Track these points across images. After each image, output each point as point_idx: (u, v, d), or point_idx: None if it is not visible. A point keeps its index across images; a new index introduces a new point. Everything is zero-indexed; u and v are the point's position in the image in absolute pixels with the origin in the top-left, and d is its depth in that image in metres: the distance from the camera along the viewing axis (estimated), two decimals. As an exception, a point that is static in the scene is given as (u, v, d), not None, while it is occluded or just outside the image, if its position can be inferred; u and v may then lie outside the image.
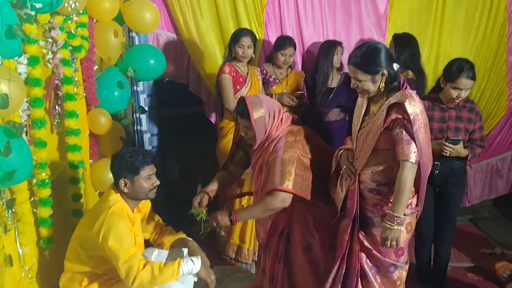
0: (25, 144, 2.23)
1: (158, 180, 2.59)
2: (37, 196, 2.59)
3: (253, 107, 2.60)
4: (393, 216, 2.31)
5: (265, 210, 2.63)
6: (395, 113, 2.30)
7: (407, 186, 2.29)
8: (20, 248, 2.49)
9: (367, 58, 2.35)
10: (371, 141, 2.38)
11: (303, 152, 2.63)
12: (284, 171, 2.54)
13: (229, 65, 3.69)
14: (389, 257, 2.48)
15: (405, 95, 2.31)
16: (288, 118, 2.75)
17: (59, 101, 2.89)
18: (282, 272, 2.83)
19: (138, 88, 4.15)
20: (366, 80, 2.36)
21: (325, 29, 4.16)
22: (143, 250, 2.69)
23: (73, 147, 2.93)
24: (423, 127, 2.29)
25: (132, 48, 3.58)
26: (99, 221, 2.40)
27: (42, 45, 2.68)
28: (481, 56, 4.24)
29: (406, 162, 2.28)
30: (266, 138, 2.65)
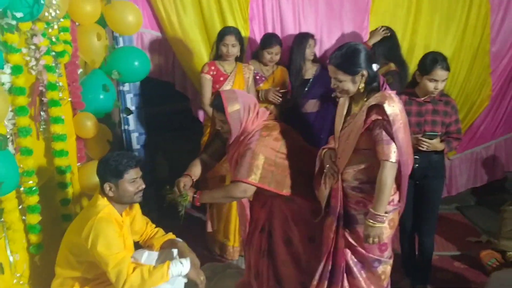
0: (11, 156, 2.24)
1: (143, 184, 2.62)
2: (25, 203, 2.61)
3: (228, 101, 2.66)
4: (374, 214, 2.38)
5: (225, 197, 2.75)
6: (375, 114, 2.35)
7: (387, 185, 2.35)
8: (10, 256, 2.51)
9: (347, 59, 2.40)
10: (352, 141, 2.43)
11: (276, 147, 2.69)
12: (252, 164, 2.63)
13: (210, 64, 3.71)
14: (373, 253, 2.54)
15: (385, 96, 2.36)
16: (264, 113, 2.82)
17: (44, 107, 2.90)
18: (267, 267, 2.91)
19: (124, 88, 4.17)
20: (346, 80, 2.41)
21: (307, 23, 4.18)
22: (133, 252, 2.73)
23: (59, 152, 2.95)
24: (403, 127, 2.34)
25: (116, 50, 3.58)
26: (87, 227, 2.44)
27: (25, 53, 2.68)
28: (464, 47, 4.28)
29: (386, 162, 2.34)
30: (242, 132, 2.72)
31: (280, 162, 2.69)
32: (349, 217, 2.56)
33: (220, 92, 2.72)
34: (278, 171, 2.68)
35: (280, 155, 2.70)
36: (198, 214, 4.68)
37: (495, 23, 4.29)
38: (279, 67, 3.99)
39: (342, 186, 2.55)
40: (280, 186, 2.69)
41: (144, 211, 2.92)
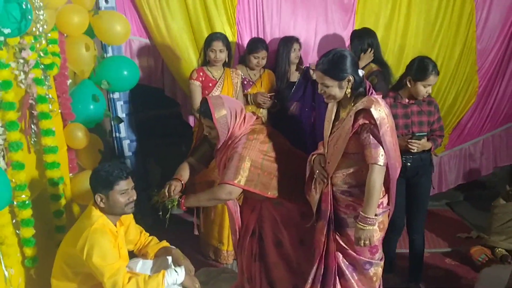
0: (2, 172, 2.26)
1: (135, 195, 2.64)
2: (19, 217, 2.63)
3: (215, 107, 2.71)
4: (364, 217, 2.42)
5: (211, 199, 2.78)
6: (362, 118, 2.39)
7: (376, 188, 2.39)
8: (5, 270, 2.53)
9: (334, 65, 2.45)
10: (341, 145, 2.48)
11: (263, 150, 2.75)
12: (239, 167, 2.68)
13: (198, 70, 3.74)
14: (364, 255, 2.59)
15: (371, 100, 2.40)
16: (251, 117, 2.87)
17: (34, 120, 2.91)
18: (259, 271, 2.97)
19: (114, 96, 4.18)
20: (333, 86, 2.46)
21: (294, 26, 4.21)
22: (128, 262, 2.76)
23: (51, 164, 2.96)
24: (390, 130, 2.39)
25: (105, 60, 3.60)
26: (82, 238, 2.46)
27: (14, 67, 2.69)
28: (449, 45, 4.33)
29: (374, 165, 2.38)
30: (229, 137, 2.77)
31: (267, 164, 2.74)
32: (340, 220, 2.60)
33: (207, 98, 2.76)
34: (264, 174, 2.73)
35: (267, 158, 2.75)
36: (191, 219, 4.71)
37: (480, 20, 4.34)
38: (266, 71, 4.02)
39: (332, 190, 2.59)
40: (266, 189, 2.74)
41: (137, 218, 2.95)
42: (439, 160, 4.61)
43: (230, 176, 2.68)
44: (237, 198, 2.93)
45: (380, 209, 2.52)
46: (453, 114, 4.48)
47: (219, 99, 2.76)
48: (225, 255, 3.93)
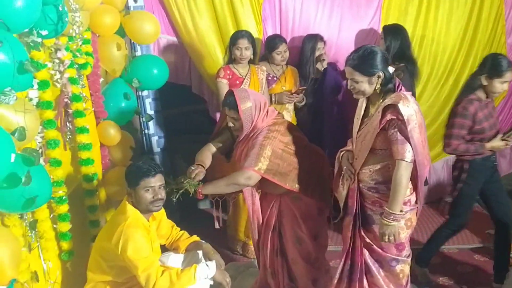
0: (43, 170, 2.35)
1: (163, 193, 2.68)
2: (56, 212, 2.73)
3: (241, 99, 2.78)
4: (389, 213, 2.46)
5: (229, 184, 2.80)
6: (390, 114, 2.42)
7: (402, 184, 2.42)
8: (44, 264, 2.63)
9: (364, 61, 2.47)
10: (368, 141, 2.51)
11: (284, 141, 2.82)
12: (260, 155, 2.74)
13: (225, 68, 3.80)
14: (391, 252, 2.63)
15: (400, 96, 2.43)
16: (273, 112, 2.94)
17: (69, 118, 3.02)
18: (282, 265, 3.04)
19: (143, 94, 4.28)
20: (363, 81, 2.48)
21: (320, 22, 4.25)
22: (160, 255, 2.85)
23: (86, 161, 3.06)
24: (418, 127, 2.41)
25: (136, 59, 3.70)
26: (117, 233, 2.55)
27: (50, 67, 2.80)
28: (478, 40, 4.30)
29: (401, 161, 2.41)
30: (252, 129, 2.83)
31: (287, 156, 2.82)
32: (366, 217, 2.64)
33: (233, 91, 2.84)
34: (284, 165, 2.80)
35: (287, 149, 2.83)
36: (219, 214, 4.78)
37: (510, 15, 4.30)
38: (289, 67, 4.08)
39: (358, 187, 2.63)
40: (284, 180, 2.80)
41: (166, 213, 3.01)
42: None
43: (251, 162, 2.73)
44: (257, 191, 2.99)
45: (408, 206, 2.54)
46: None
47: (245, 92, 2.85)
48: (252, 250, 3.98)
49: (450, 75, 4.39)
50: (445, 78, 4.39)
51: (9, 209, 2.20)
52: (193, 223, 3.96)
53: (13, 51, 2.02)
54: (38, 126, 2.37)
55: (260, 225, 3.06)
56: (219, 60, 4.16)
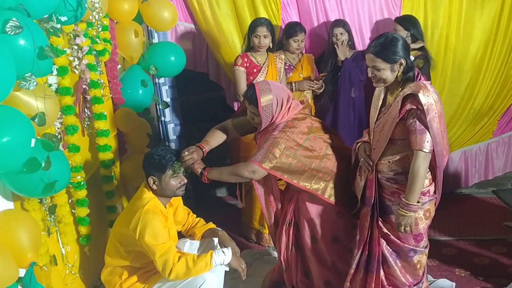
0: (63, 155, 2.39)
1: (185, 179, 2.74)
2: (75, 197, 2.77)
3: (262, 93, 2.70)
4: (406, 204, 2.44)
5: (233, 174, 2.79)
6: (409, 103, 2.40)
7: (420, 175, 2.40)
8: (62, 248, 2.69)
9: (386, 47, 2.45)
10: (387, 131, 2.50)
11: (300, 140, 2.73)
12: (269, 151, 2.69)
13: (243, 56, 3.78)
14: (408, 243, 2.62)
15: (419, 86, 2.40)
16: (296, 106, 2.85)
17: (87, 104, 3.05)
18: (296, 260, 3.00)
19: (160, 81, 4.31)
20: (385, 68, 2.46)
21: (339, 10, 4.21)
22: (177, 242, 2.87)
23: (104, 147, 3.09)
24: (437, 117, 2.38)
25: (153, 46, 3.71)
26: (135, 219, 2.58)
27: (69, 53, 2.82)
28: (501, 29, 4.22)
29: (419, 152, 2.39)
30: (271, 124, 2.77)
31: (302, 155, 2.73)
32: (384, 207, 2.63)
33: (255, 85, 2.76)
34: (298, 165, 2.72)
35: (303, 148, 2.73)
36: (234, 202, 4.81)
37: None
38: (305, 55, 4.07)
39: (377, 177, 2.61)
40: (296, 178, 2.74)
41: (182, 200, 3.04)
42: (486, 147, 4.55)
43: (258, 157, 2.71)
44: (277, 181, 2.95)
45: (427, 197, 2.52)
46: (501, 100, 4.39)
47: (267, 85, 2.75)
48: (266, 238, 4.00)
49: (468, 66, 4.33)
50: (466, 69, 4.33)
51: (29, 194, 2.24)
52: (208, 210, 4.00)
53: (33, 37, 2.04)
54: (57, 112, 2.41)
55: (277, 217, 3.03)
56: (236, 47, 4.15)
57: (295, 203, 2.92)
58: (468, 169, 4.62)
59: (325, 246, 2.87)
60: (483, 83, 4.31)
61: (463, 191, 4.72)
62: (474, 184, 4.68)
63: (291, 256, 3.01)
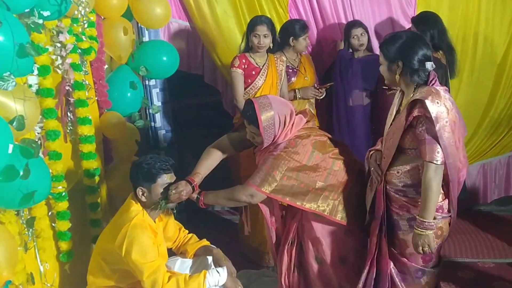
0: (43, 163, 2.37)
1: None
2: (55, 209, 2.75)
3: (262, 111, 2.68)
4: (421, 222, 2.44)
5: (230, 199, 2.79)
6: (417, 110, 2.41)
7: (432, 189, 2.39)
8: (41, 265, 2.65)
9: (387, 42, 2.53)
10: (395, 139, 2.51)
11: (302, 160, 2.72)
12: (269, 173, 2.69)
13: (240, 57, 3.78)
14: (416, 262, 2.61)
15: (429, 91, 2.41)
16: (300, 121, 2.83)
17: (70, 108, 3.04)
18: (298, 282, 2.98)
19: (150, 83, 4.31)
20: (383, 64, 2.55)
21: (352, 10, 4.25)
22: (167, 260, 2.86)
23: (87, 154, 3.09)
24: (449, 126, 2.37)
25: (143, 45, 3.72)
26: (121, 234, 2.57)
27: (51, 51, 2.82)
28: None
29: (430, 164, 2.38)
30: (272, 143, 2.77)
31: (305, 176, 2.72)
32: (392, 222, 2.62)
33: (253, 101, 2.74)
34: (301, 186, 2.72)
35: (305, 169, 2.72)
36: (230, 217, 4.80)
37: None
38: (304, 56, 4.11)
39: (385, 188, 2.61)
40: (299, 200, 2.72)
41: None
42: (507, 160, 4.57)
43: (256, 180, 2.70)
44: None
45: (439, 214, 2.51)
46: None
47: (266, 101, 2.72)
48: (266, 258, 3.99)
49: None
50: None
51: (5, 205, 2.23)
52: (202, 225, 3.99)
53: (13, 33, 2.04)
54: (38, 115, 2.39)
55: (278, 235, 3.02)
56: (235, 48, 4.13)
57: (299, 220, 2.91)
58: (487, 184, 4.62)
59: (332, 268, 2.85)
60: (504, 90, 4.33)
61: (482, 208, 4.72)
62: (493, 200, 4.68)
63: (293, 278, 2.99)
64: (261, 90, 3.76)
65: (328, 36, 4.31)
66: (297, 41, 3.94)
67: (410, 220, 2.54)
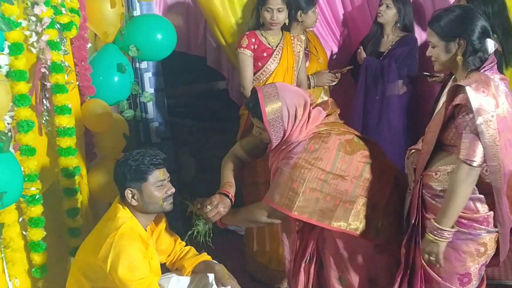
0: (14, 159, 2.38)
1: (172, 187, 2.75)
2: (27, 215, 2.74)
3: (267, 102, 2.69)
4: (435, 227, 2.45)
5: (249, 220, 2.91)
6: (458, 98, 2.40)
7: (457, 193, 2.39)
8: (9, 281, 2.66)
9: (441, 18, 2.49)
10: (435, 132, 2.51)
11: (326, 166, 2.71)
12: (287, 187, 2.69)
13: (249, 35, 3.77)
14: (452, 283, 2.60)
15: (477, 78, 2.39)
16: (319, 114, 2.82)
17: (47, 94, 3.04)
18: None
19: (142, 66, 4.31)
20: (439, 46, 2.51)
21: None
22: (160, 277, 2.86)
23: (66, 150, 3.07)
24: (496, 121, 2.34)
25: (134, 20, 3.71)
26: (105, 245, 2.57)
27: (24, 26, 2.81)
28: None
29: (463, 164, 2.37)
30: (285, 140, 2.76)
31: (331, 187, 2.71)
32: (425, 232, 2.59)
33: (257, 90, 2.75)
34: (326, 199, 2.72)
35: (331, 177, 2.71)
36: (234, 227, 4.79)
37: None
38: (309, 32, 4.18)
39: (421, 192, 2.61)
40: (326, 218, 2.72)
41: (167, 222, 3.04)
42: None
43: (275, 196, 2.72)
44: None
45: (483, 227, 2.50)
46: None
47: (273, 89, 2.74)
48: (276, 276, 3.99)
49: None
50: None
51: (-32, 209, 2.24)
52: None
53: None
54: (8, 102, 2.39)
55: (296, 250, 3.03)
56: (243, 25, 4.14)
57: (319, 232, 2.91)
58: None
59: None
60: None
61: None
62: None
63: None
64: (273, 76, 3.76)
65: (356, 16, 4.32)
66: (306, 15, 3.95)
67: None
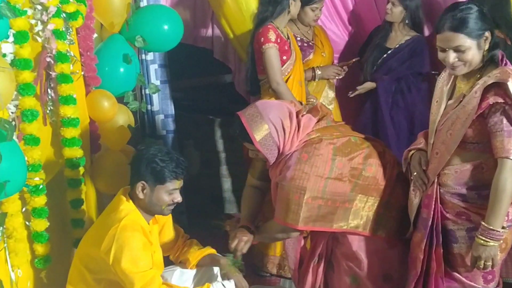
0: (17, 148, 2.38)
1: (180, 197, 2.77)
2: (30, 205, 2.75)
3: (253, 127, 2.74)
4: (487, 230, 2.42)
5: (271, 238, 3.17)
6: (493, 95, 2.38)
7: (506, 191, 2.38)
8: (12, 272, 2.67)
9: (467, 19, 2.44)
10: (459, 131, 2.48)
11: (324, 172, 2.73)
12: (289, 200, 2.73)
13: (273, 28, 3.71)
14: (476, 282, 2.60)
15: (507, 73, 2.39)
16: (309, 122, 2.84)
17: (51, 84, 3.04)
18: None
19: (148, 57, 4.31)
20: (471, 46, 2.45)
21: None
22: (163, 270, 2.88)
23: (70, 141, 3.07)
24: None
25: (141, 10, 3.71)
26: (108, 237, 2.58)
27: (30, 14, 2.81)
28: None
29: (506, 160, 2.37)
30: (280, 154, 2.80)
31: (331, 192, 2.74)
32: (445, 233, 2.60)
33: (239, 116, 2.79)
34: (327, 204, 2.74)
35: (330, 182, 2.74)
36: (239, 220, 4.80)
37: None
38: (316, 26, 4.15)
39: (438, 192, 2.59)
40: (329, 223, 2.77)
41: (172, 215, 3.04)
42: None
43: (281, 213, 2.79)
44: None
45: (505, 222, 2.48)
46: None
47: (255, 111, 2.78)
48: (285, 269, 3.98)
49: None
50: None
51: (-29, 197, 2.24)
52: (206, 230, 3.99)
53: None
54: (12, 91, 2.40)
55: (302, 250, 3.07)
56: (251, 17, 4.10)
57: (330, 234, 2.91)
58: None
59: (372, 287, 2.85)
60: None
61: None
62: None
63: None
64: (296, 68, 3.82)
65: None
66: (303, 10, 3.90)
67: (470, 231, 2.53)
